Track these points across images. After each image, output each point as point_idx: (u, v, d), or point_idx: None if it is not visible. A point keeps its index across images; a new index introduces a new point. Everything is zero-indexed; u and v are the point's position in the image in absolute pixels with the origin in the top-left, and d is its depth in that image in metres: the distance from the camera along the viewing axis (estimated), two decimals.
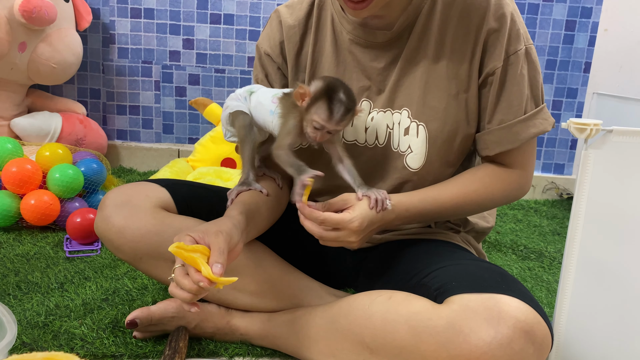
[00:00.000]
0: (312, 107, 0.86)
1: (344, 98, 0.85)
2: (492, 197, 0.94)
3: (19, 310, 1.03)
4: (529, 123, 0.91)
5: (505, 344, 0.68)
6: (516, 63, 0.89)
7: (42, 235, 1.45)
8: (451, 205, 0.92)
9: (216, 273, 0.72)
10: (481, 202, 0.93)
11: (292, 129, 0.89)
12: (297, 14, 0.99)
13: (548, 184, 2.26)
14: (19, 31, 1.79)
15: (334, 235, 0.84)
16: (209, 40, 2.17)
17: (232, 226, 0.81)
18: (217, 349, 0.94)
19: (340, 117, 0.85)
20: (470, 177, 0.94)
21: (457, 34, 0.90)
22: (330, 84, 0.86)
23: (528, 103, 0.91)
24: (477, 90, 0.92)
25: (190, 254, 0.74)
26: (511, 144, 0.91)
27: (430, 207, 0.90)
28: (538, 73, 0.92)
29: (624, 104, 1.85)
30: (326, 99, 0.84)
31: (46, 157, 1.53)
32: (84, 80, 2.20)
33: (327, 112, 0.84)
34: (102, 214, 0.93)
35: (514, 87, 0.90)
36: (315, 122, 0.85)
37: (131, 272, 1.22)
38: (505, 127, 0.91)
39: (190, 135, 2.25)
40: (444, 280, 0.79)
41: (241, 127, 0.95)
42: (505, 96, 0.90)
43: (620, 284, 0.89)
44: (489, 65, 0.89)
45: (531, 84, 0.91)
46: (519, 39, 0.89)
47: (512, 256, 1.53)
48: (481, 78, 0.91)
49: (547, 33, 2.15)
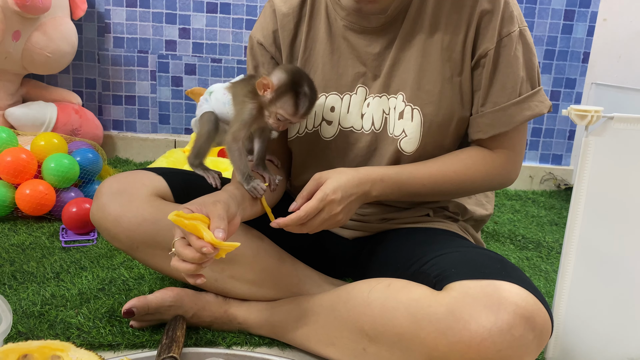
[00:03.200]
0: (278, 101, 0.87)
1: (308, 91, 0.87)
2: (473, 179, 0.92)
3: (15, 300, 1.02)
4: (524, 105, 0.90)
5: (505, 330, 0.67)
6: (509, 45, 0.88)
7: (37, 225, 1.44)
8: (429, 182, 0.90)
9: (219, 238, 0.72)
10: (460, 183, 0.92)
11: (247, 119, 0.90)
12: (291, 2, 0.99)
13: (546, 174, 2.25)
14: (13, 19, 1.77)
15: (319, 220, 0.83)
16: (206, 29, 2.15)
17: (229, 197, 0.82)
18: (215, 338, 0.94)
19: (306, 111, 0.88)
20: (451, 157, 0.93)
21: (450, 17, 0.89)
22: (295, 77, 0.87)
23: (523, 85, 0.90)
24: (471, 73, 0.91)
25: (191, 221, 0.73)
26: (505, 126, 0.90)
27: (406, 180, 0.89)
28: (533, 55, 0.91)
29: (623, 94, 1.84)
30: (292, 94, 0.86)
31: (41, 147, 1.51)
32: (79, 69, 2.18)
33: (293, 107, 0.87)
34: (98, 203, 0.92)
35: (507, 69, 0.88)
36: (280, 115, 0.87)
37: (128, 262, 1.22)
38: (499, 109, 0.90)
39: (186, 126, 2.24)
40: (443, 268, 0.78)
41: (204, 123, 0.99)
42: (499, 78, 0.89)
43: (620, 272, 0.88)
44: (481, 47, 0.88)
45: (526, 66, 0.90)
46: (513, 21, 0.88)
47: (510, 246, 1.53)
48: (474, 60, 0.90)
49: (546, 23, 2.14)
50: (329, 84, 0.97)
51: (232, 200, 0.82)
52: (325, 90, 0.97)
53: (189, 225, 0.73)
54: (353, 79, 0.95)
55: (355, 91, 0.95)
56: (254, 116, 0.90)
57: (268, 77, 0.86)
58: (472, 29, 0.88)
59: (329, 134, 0.97)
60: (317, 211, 0.83)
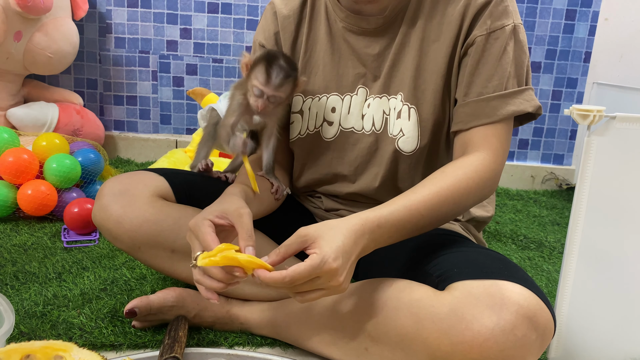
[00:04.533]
0: (252, 73, 0.88)
1: (284, 64, 0.87)
2: (468, 190, 0.82)
3: (17, 300, 1.03)
4: (509, 100, 0.86)
5: (508, 330, 0.67)
6: (501, 38, 0.86)
7: (39, 225, 1.44)
8: (425, 209, 0.78)
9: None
10: (457, 198, 0.81)
11: (236, 107, 0.92)
12: (291, 4, 0.99)
13: (547, 174, 2.25)
14: (14, 20, 1.77)
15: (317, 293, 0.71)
16: (207, 29, 2.15)
17: (245, 204, 0.80)
18: (217, 338, 0.94)
19: (279, 82, 0.86)
20: (439, 175, 0.83)
21: (445, 14, 0.89)
22: (271, 51, 0.89)
23: (510, 81, 0.87)
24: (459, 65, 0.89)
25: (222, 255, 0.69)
26: (487, 117, 0.85)
27: (403, 216, 0.77)
28: (524, 54, 0.88)
29: (625, 93, 1.84)
30: (264, 64, 0.87)
31: (43, 147, 1.51)
32: (80, 70, 2.18)
33: (264, 75, 0.86)
34: (100, 203, 0.92)
35: (495, 61, 0.86)
36: (255, 87, 0.87)
37: (129, 262, 1.22)
38: (483, 99, 0.86)
39: (188, 126, 2.24)
40: (445, 268, 0.78)
41: (205, 133, 1.01)
42: (486, 68, 0.86)
43: (622, 272, 0.88)
44: (471, 35, 0.87)
45: (515, 63, 0.87)
46: (507, 15, 0.87)
47: (512, 246, 1.53)
48: (463, 49, 0.88)
49: (547, 22, 2.13)
50: (329, 85, 0.97)
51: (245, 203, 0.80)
52: (326, 91, 0.97)
53: (222, 261, 0.69)
54: (353, 79, 0.95)
55: (356, 92, 0.95)
56: (242, 104, 0.91)
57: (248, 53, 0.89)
58: (466, 22, 0.87)
59: (330, 134, 0.98)
60: (306, 280, 0.69)
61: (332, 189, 1.02)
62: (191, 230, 0.76)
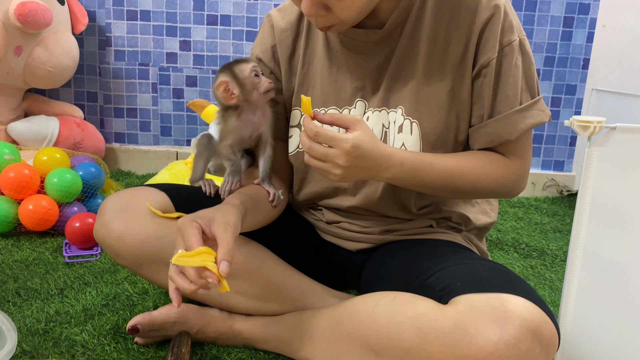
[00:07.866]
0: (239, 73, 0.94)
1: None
2: (488, 179, 0.90)
3: (19, 318, 1.02)
4: (526, 114, 0.90)
5: (512, 344, 0.67)
6: (511, 54, 0.88)
7: (41, 240, 1.44)
8: (445, 174, 0.87)
9: (223, 271, 0.72)
10: (475, 181, 0.89)
11: (231, 129, 0.96)
12: (289, 17, 0.99)
13: (548, 181, 2.25)
14: (14, 35, 1.78)
15: (323, 152, 0.80)
16: (206, 41, 2.16)
17: (237, 218, 0.81)
18: (220, 353, 0.93)
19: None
20: (470, 155, 0.92)
21: (449, 30, 0.89)
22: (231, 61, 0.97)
23: (523, 94, 0.90)
24: (471, 84, 0.91)
25: (197, 257, 0.72)
26: (508, 135, 0.90)
27: (424, 168, 0.86)
28: (532, 64, 0.91)
29: (623, 100, 1.84)
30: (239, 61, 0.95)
31: (44, 162, 1.51)
32: (80, 83, 2.19)
33: (246, 62, 0.94)
34: (102, 220, 0.92)
35: (509, 78, 0.88)
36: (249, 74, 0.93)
37: (131, 277, 1.21)
38: (502, 117, 0.89)
39: (188, 137, 2.24)
40: (448, 281, 0.78)
41: (199, 145, 1.04)
42: (502, 88, 0.89)
43: (626, 282, 0.88)
44: (483, 57, 0.88)
45: (526, 76, 0.90)
46: (513, 30, 0.88)
47: (514, 254, 1.52)
48: (475, 70, 0.89)
49: (545, 30, 2.14)
50: (328, 99, 0.97)
51: (239, 221, 0.81)
52: (324, 104, 0.97)
53: (196, 262, 0.72)
54: (352, 93, 0.95)
55: (354, 105, 0.95)
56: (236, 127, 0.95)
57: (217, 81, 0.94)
58: (472, 41, 0.88)
59: None
60: (325, 140, 0.79)
61: (333, 202, 1.02)
62: (178, 229, 0.78)
